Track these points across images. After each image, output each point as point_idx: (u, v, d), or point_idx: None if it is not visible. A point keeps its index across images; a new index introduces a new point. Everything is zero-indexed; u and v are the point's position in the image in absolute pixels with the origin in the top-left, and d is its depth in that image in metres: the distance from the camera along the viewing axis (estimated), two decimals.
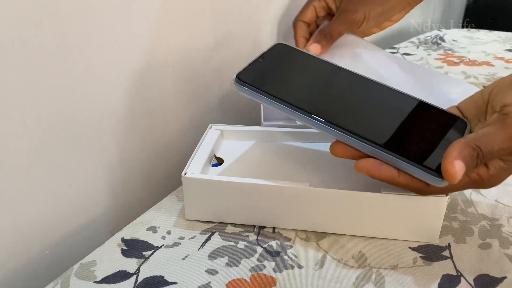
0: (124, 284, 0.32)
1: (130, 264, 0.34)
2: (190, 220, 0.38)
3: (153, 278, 0.32)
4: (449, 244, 0.35)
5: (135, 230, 0.38)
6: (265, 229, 0.37)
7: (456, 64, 0.79)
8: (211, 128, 0.44)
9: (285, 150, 0.43)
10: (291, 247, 0.35)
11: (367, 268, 0.33)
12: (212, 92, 0.56)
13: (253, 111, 0.63)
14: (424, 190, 0.32)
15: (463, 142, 0.29)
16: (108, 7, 0.39)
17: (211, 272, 0.33)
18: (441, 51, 0.86)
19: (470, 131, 0.34)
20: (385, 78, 0.44)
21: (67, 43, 0.36)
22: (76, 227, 0.43)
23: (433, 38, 0.95)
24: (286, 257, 0.34)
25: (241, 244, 0.36)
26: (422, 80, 0.46)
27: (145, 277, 0.33)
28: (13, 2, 0.32)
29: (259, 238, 0.36)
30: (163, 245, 0.36)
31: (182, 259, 0.34)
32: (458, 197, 0.41)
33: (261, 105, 0.48)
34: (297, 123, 0.45)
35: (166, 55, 0.47)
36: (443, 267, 0.33)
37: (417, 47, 0.89)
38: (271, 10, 0.61)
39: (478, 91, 0.35)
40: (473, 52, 0.86)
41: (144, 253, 0.35)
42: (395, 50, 0.86)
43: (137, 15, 0.42)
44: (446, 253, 0.35)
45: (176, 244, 0.36)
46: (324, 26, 0.48)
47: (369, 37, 0.54)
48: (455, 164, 0.28)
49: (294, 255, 0.34)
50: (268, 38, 0.61)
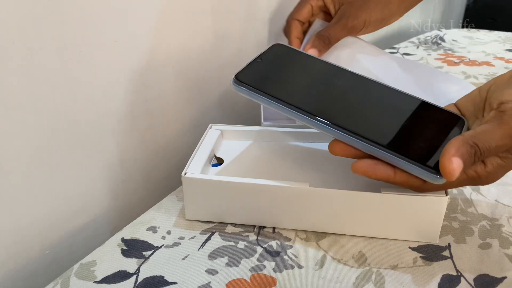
0: (124, 284, 0.32)
1: (130, 264, 0.34)
2: (190, 220, 0.39)
3: (153, 278, 0.32)
4: (449, 244, 0.35)
5: (135, 230, 0.38)
6: (265, 229, 0.37)
7: (456, 64, 0.79)
8: (211, 128, 0.44)
9: (285, 150, 0.43)
10: (291, 247, 0.35)
11: (367, 268, 0.33)
12: (212, 92, 0.56)
13: (253, 111, 0.63)
14: (421, 187, 0.32)
15: (461, 139, 0.29)
16: (108, 7, 0.39)
17: (211, 272, 0.33)
18: (441, 51, 0.86)
19: (468, 129, 0.34)
20: (383, 81, 0.44)
21: (67, 43, 0.36)
22: (76, 227, 0.43)
23: (433, 38, 0.95)
24: (286, 257, 0.34)
25: (241, 244, 0.36)
26: (421, 80, 0.45)
27: (145, 277, 0.33)
28: (13, 2, 0.32)
29: (259, 238, 0.36)
30: (163, 245, 0.36)
31: (182, 259, 0.34)
32: (458, 197, 0.41)
33: (261, 105, 0.48)
34: (297, 123, 0.45)
35: (166, 55, 0.47)
36: (443, 267, 0.33)
37: (417, 47, 0.89)
38: (271, 10, 0.61)
39: (475, 88, 0.35)
40: (473, 52, 0.86)
41: (144, 253, 0.35)
42: (395, 50, 0.86)
43: (137, 15, 0.42)
44: (446, 253, 0.35)
45: (176, 244, 0.36)
46: (322, 30, 0.47)
47: (368, 37, 0.54)
48: (453, 161, 0.28)
49: (294, 255, 0.34)
50: (268, 38, 0.61)
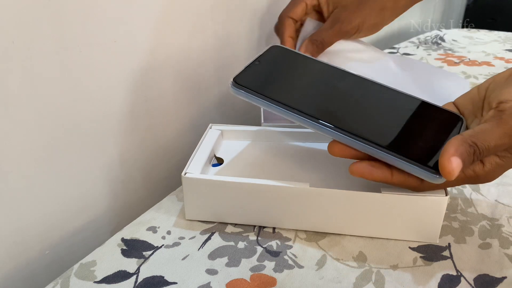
0: (124, 284, 0.32)
1: (130, 264, 0.34)
2: (190, 220, 0.38)
3: (153, 278, 0.32)
4: (449, 244, 0.35)
5: (135, 230, 0.38)
6: (265, 229, 0.37)
7: (456, 64, 0.79)
8: (211, 128, 0.44)
9: (285, 150, 0.43)
10: (291, 247, 0.35)
11: (367, 268, 0.33)
12: (212, 92, 0.56)
13: (253, 111, 0.63)
14: (419, 187, 0.32)
15: (460, 138, 0.29)
16: (108, 7, 0.39)
17: (211, 272, 0.33)
18: (441, 51, 0.86)
19: (467, 128, 0.34)
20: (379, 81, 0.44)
21: (67, 43, 0.36)
22: (76, 227, 0.43)
23: (433, 38, 0.95)
24: (286, 257, 0.34)
25: (241, 244, 0.36)
26: (418, 80, 0.45)
27: (145, 277, 0.33)
28: (13, 2, 0.32)
29: (259, 238, 0.36)
30: (163, 245, 0.36)
31: (182, 259, 0.34)
32: (458, 197, 0.41)
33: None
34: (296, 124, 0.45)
35: (166, 55, 0.47)
36: (443, 267, 0.33)
37: (417, 47, 0.89)
38: (271, 10, 0.61)
39: (474, 87, 0.35)
40: (473, 52, 0.86)
41: (144, 253, 0.35)
42: (395, 50, 0.86)
43: (137, 15, 0.42)
44: (446, 253, 0.35)
45: (176, 244, 0.36)
46: (315, 34, 0.47)
47: (368, 37, 0.54)
48: (452, 161, 0.28)
49: (294, 255, 0.34)
50: (268, 38, 0.61)
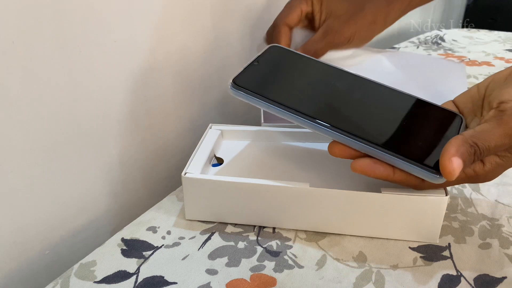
0: (124, 284, 0.32)
1: (130, 264, 0.34)
2: (190, 220, 0.38)
3: (153, 278, 0.32)
4: (449, 244, 0.35)
5: (135, 230, 0.38)
6: (265, 229, 0.37)
7: None
8: (211, 128, 0.44)
9: (285, 150, 0.43)
10: (291, 247, 0.35)
11: (367, 268, 0.33)
12: (212, 92, 0.56)
13: (253, 112, 0.63)
14: (420, 185, 0.32)
15: (461, 138, 0.29)
16: (108, 7, 0.39)
17: (211, 272, 0.33)
18: (441, 51, 0.86)
19: (466, 126, 0.34)
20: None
21: (67, 43, 0.36)
22: (76, 227, 0.43)
23: (433, 38, 0.95)
24: (286, 257, 0.34)
25: (241, 244, 0.36)
26: (414, 76, 0.46)
27: (145, 277, 0.33)
28: (13, 2, 0.32)
29: (259, 238, 0.36)
30: (163, 245, 0.36)
31: (182, 259, 0.34)
32: (458, 197, 0.41)
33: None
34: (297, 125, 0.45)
35: (166, 55, 0.47)
36: (443, 267, 0.33)
37: (417, 47, 0.89)
38: (271, 10, 0.60)
39: (474, 85, 0.35)
40: (473, 52, 0.86)
41: (144, 253, 0.35)
42: (395, 50, 0.86)
43: (137, 15, 0.42)
44: (446, 253, 0.35)
45: (176, 244, 0.36)
46: (308, 45, 0.46)
47: None
48: (453, 161, 0.28)
49: (294, 255, 0.34)
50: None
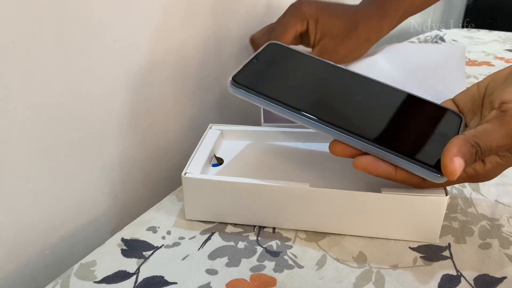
0: (124, 284, 0.32)
1: (130, 264, 0.34)
2: (190, 220, 0.38)
3: (153, 278, 0.32)
4: (449, 244, 0.35)
5: (135, 230, 0.38)
6: (265, 229, 0.37)
7: None
8: (211, 128, 0.44)
9: (285, 150, 0.43)
10: (291, 247, 0.35)
11: (367, 268, 0.33)
12: (212, 92, 0.56)
13: (253, 111, 0.63)
14: (421, 184, 0.32)
15: (462, 138, 0.29)
16: (108, 7, 0.39)
17: (211, 272, 0.33)
18: None
19: (466, 125, 0.34)
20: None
21: (67, 43, 0.36)
22: (76, 227, 0.43)
23: (433, 38, 0.95)
24: (286, 257, 0.34)
25: (241, 244, 0.36)
26: (410, 73, 0.46)
27: (145, 277, 0.33)
28: (13, 2, 0.32)
29: (259, 238, 0.36)
30: (163, 245, 0.36)
31: (182, 259, 0.34)
32: (458, 197, 0.41)
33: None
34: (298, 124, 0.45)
35: (166, 55, 0.47)
36: (443, 267, 0.33)
37: None
38: (270, 10, 0.61)
39: (474, 84, 0.35)
40: (473, 52, 0.86)
41: (144, 253, 0.35)
42: None
43: (137, 15, 0.42)
44: (446, 253, 0.35)
45: (176, 244, 0.36)
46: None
47: None
48: (455, 161, 0.28)
49: (294, 255, 0.34)
50: None
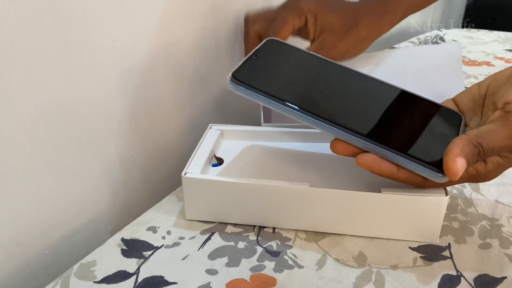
0: (124, 284, 0.32)
1: (130, 264, 0.34)
2: (190, 220, 0.38)
3: (153, 278, 0.32)
4: (449, 244, 0.35)
5: (135, 230, 0.37)
6: (265, 229, 0.37)
7: None
8: (211, 128, 0.44)
9: (285, 150, 0.43)
10: (291, 247, 0.35)
11: (367, 268, 0.33)
12: (212, 92, 0.56)
13: (253, 111, 0.63)
14: (422, 184, 0.32)
15: (465, 138, 0.29)
16: (108, 7, 0.39)
17: (211, 272, 0.33)
18: None
19: (465, 125, 0.34)
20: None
21: (67, 43, 0.36)
22: (76, 227, 0.43)
23: (433, 38, 0.95)
24: (286, 257, 0.34)
25: (241, 244, 0.36)
26: (405, 79, 0.46)
27: (145, 277, 0.33)
28: (13, 2, 0.32)
29: (259, 238, 0.36)
30: (163, 245, 0.36)
31: (182, 259, 0.34)
32: (458, 197, 0.41)
33: (261, 105, 0.48)
34: (297, 123, 0.45)
35: (166, 55, 0.47)
36: (443, 267, 0.33)
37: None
38: (270, 10, 0.60)
39: (474, 84, 0.35)
40: (473, 52, 0.85)
41: (144, 253, 0.35)
42: None
43: (137, 15, 0.42)
44: (446, 253, 0.35)
45: (176, 244, 0.36)
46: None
47: None
48: (457, 162, 0.28)
49: (294, 255, 0.34)
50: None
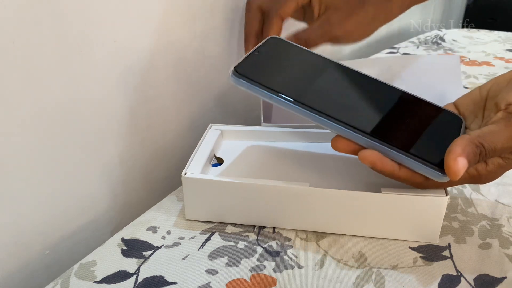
0: (124, 284, 0.32)
1: (130, 264, 0.34)
2: (190, 220, 0.38)
3: (153, 278, 0.32)
4: (449, 244, 0.35)
5: (135, 230, 0.38)
6: (265, 229, 0.37)
7: None
8: (211, 128, 0.44)
9: (285, 150, 0.43)
10: (291, 247, 0.35)
11: (367, 268, 0.33)
12: (212, 92, 0.56)
13: (253, 111, 0.63)
14: (423, 184, 0.32)
15: (467, 138, 0.29)
16: (108, 7, 0.39)
17: (211, 272, 0.33)
18: (441, 51, 0.86)
19: (466, 127, 0.34)
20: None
21: (67, 43, 0.36)
22: (76, 227, 0.43)
23: (433, 38, 0.95)
24: (286, 257, 0.34)
25: (241, 244, 0.36)
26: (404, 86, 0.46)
27: (145, 277, 0.33)
28: (13, 2, 0.32)
29: (259, 238, 0.36)
30: (163, 245, 0.36)
31: (182, 259, 0.34)
32: (458, 197, 0.41)
33: (261, 105, 0.48)
34: (297, 123, 0.45)
35: (166, 55, 0.47)
36: (443, 267, 0.33)
37: (417, 47, 0.89)
38: None
39: (476, 88, 0.35)
40: (473, 52, 0.86)
41: (144, 253, 0.35)
42: (395, 50, 0.86)
43: (137, 15, 0.42)
44: (446, 253, 0.35)
45: (176, 244, 0.36)
46: (301, 32, 0.44)
47: (368, 38, 0.53)
48: (458, 161, 0.28)
49: (294, 255, 0.34)
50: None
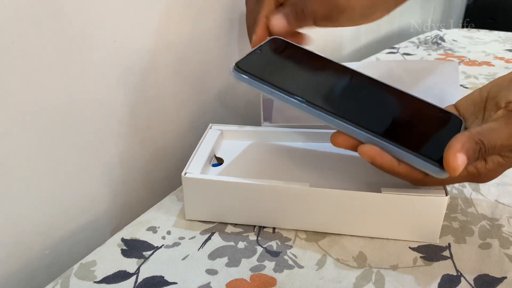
0: (124, 284, 0.32)
1: (130, 264, 0.34)
2: (190, 220, 0.38)
3: (153, 278, 0.32)
4: (449, 244, 0.35)
5: (135, 230, 0.38)
6: (265, 229, 0.37)
7: None
8: (211, 128, 0.44)
9: (285, 150, 0.43)
10: (291, 247, 0.35)
11: (367, 268, 0.33)
12: (212, 92, 0.56)
13: (253, 111, 0.63)
14: (422, 181, 0.32)
15: (467, 135, 0.29)
16: (108, 7, 0.39)
17: (211, 272, 0.33)
18: (441, 51, 0.86)
19: (466, 128, 0.34)
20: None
21: (67, 43, 0.36)
22: (76, 227, 0.43)
23: (433, 38, 0.95)
24: (286, 257, 0.34)
25: (241, 244, 0.36)
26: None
27: (145, 277, 0.33)
28: (13, 2, 0.32)
29: (259, 238, 0.36)
30: (163, 245, 0.36)
31: (182, 259, 0.34)
32: (458, 197, 0.41)
33: (261, 105, 0.48)
34: (297, 123, 0.45)
35: (166, 55, 0.47)
36: (443, 267, 0.33)
37: (417, 47, 0.89)
38: None
39: (476, 89, 0.35)
40: (473, 52, 0.86)
41: (144, 253, 0.35)
42: (395, 50, 0.86)
43: (137, 15, 0.42)
44: (446, 253, 0.35)
45: (176, 244, 0.36)
46: (299, 1, 0.39)
47: (368, 38, 0.53)
48: (458, 157, 0.28)
49: (294, 255, 0.34)
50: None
